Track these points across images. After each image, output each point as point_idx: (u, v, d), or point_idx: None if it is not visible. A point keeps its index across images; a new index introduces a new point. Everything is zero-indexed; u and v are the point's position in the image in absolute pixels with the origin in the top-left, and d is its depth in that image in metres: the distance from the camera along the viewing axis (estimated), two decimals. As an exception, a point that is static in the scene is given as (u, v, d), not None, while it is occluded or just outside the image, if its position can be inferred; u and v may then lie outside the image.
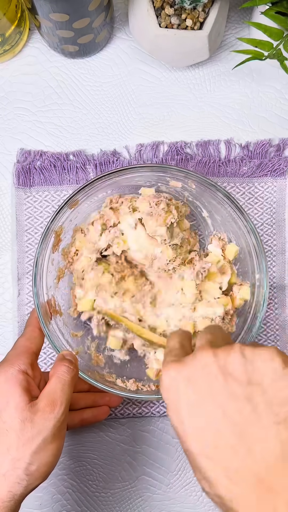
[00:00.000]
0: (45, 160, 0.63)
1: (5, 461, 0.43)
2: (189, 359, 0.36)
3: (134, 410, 0.62)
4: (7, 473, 0.43)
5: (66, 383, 0.47)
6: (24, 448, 0.43)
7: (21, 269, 0.63)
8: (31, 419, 0.44)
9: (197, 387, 0.35)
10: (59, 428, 0.45)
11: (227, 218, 0.57)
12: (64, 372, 0.47)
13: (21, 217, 0.63)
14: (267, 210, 0.64)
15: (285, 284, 0.63)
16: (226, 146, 0.64)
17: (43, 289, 0.54)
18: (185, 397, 0.35)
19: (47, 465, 0.45)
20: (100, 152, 0.64)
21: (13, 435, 0.43)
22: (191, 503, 0.63)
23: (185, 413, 0.35)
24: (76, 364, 0.49)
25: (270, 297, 0.63)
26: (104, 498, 0.63)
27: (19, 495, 0.43)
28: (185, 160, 0.63)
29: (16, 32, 0.61)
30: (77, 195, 0.54)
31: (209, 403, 0.34)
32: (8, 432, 0.44)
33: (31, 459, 0.43)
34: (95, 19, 0.56)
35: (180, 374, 0.36)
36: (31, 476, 0.44)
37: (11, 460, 0.43)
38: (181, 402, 0.35)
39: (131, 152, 0.64)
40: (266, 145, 0.64)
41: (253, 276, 0.56)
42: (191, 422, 0.35)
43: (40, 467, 0.44)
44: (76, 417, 0.57)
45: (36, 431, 0.44)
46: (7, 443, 0.43)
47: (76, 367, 0.49)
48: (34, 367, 0.49)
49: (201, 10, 0.56)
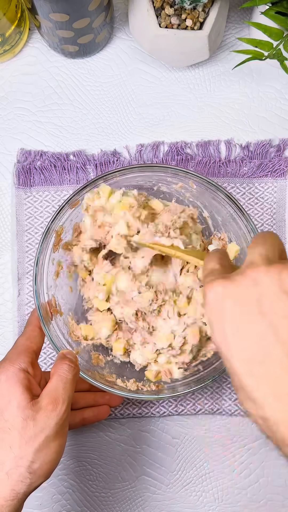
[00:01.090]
0: (46, 160, 0.63)
1: (8, 459, 0.43)
2: (238, 276, 0.34)
3: (134, 410, 0.62)
4: (10, 471, 0.43)
5: (68, 381, 0.47)
6: (26, 446, 0.43)
7: (21, 269, 0.63)
8: (33, 417, 0.44)
9: (247, 305, 0.33)
10: (61, 426, 0.45)
11: (227, 219, 0.57)
12: (65, 370, 0.47)
13: (21, 217, 0.63)
14: (267, 210, 0.64)
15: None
16: (226, 147, 0.64)
17: (44, 288, 0.54)
18: (232, 315, 0.33)
19: (50, 463, 0.45)
20: (100, 152, 0.64)
21: (16, 433, 0.44)
22: (191, 503, 0.63)
23: (231, 331, 0.33)
24: (77, 363, 0.49)
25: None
26: (104, 498, 0.63)
27: (22, 493, 0.43)
28: (185, 160, 0.63)
29: (16, 32, 0.61)
30: (78, 195, 0.54)
31: (259, 322, 0.32)
32: (11, 431, 0.44)
33: (34, 457, 0.43)
34: (95, 19, 0.56)
35: (228, 290, 0.33)
36: (34, 474, 0.44)
37: (13, 458, 0.43)
38: (226, 320, 0.33)
39: (131, 152, 0.64)
40: (266, 145, 0.64)
41: None
42: (238, 341, 0.33)
43: (43, 465, 0.44)
44: (77, 417, 0.57)
45: (39, 429, 0.44)
46: (10, 442, 0.43)
47: (76, 366, 0.49)
48: (35, 366, 0.49)
49: (201, 10, 0.56)
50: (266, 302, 0.32)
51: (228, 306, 0.33)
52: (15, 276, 0.63)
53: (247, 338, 0.32)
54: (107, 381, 0.56)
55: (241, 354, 0.32)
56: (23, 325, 0.62)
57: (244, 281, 0.33)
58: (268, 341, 0.31)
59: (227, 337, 0.33)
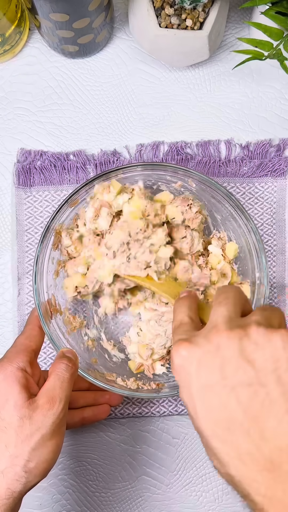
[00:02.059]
0: (45, 160, 0.63)
1: (4, 458, 0.43)
2: (201, 340, 0.36)
3: (134, 410, 0.62)
4: (5, 470, 0.43)
5: (65, 380, 0.47)
6: (22, 445, 0.43)
7: (21, 269, 0.63)
8: (29, 416, 0.44)
9: (210, 370, 0.34)
10: (58, 425, 0.45)
11: (227, 217, 0.57)
12: (63, 369, 0.47)
13: (21, 217, 0.63)
14: (267, 210, 0.64)
15: (285, 284, 0.63)
16: (226, 146, 0.64)
17: (44, 287, 0.54)
18: (197, 379, 0.35)
19: (46, 462, 0.45)
20: (100, 152, 0.64)
21: (12, 432, 0.43)
22: (191, 503, 0.63)
23: (197, 395, 0.35)
24: (76, 362, 0.49)
25: (270, 297, 0.63)
26: (104, 498, 0.63)
27: (18, 492, 0.43)
28: (185, 160, 0.63)
29: (16, 32, 0.61)
30: (77, 194, 0.54)
31: (222, 387, 0.34)
32: (7, 429, 0.44)
33: (29, 456, 0.43)
34: (95, 19, 0.56)
35: (192, 355, 0.35)
36: (29, 473, 0.43)
37: (9, 457, 0.43)
38: (192, 384, 0.35)
39: (131, 152, 0.64)
40: (266, 145, 0.64)
41: (253, 274, 0.56)
42: (203, 405, 0.35)
43: (39, 464, 0.44)
44: (77, 416, 0.57)
45: (35, 428, 0.44)
46: (6, 440, 0.43)
47: (75, 365, 0.49)
48: (33, 365, 0.49)
49: (201, 10, 0.56)
50: (228, 368, 0.34)
51: (193, 371, 0.35)
52: (15, 276, 0.63)
53: (212, 404, 0.34)
54: (107, 380, 0.56)
55: (207, 418, 0.34)
56: (23, 325, 0.62)
57: (207, 346, 0.35)
58: (231, 408, 0.33)
59: (194, 401, 0.35)
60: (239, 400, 0.33)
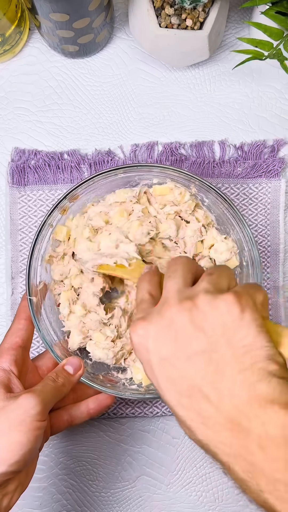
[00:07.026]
0: (40, 159, 0.63)
1: None
2: (155, 316, 0.37)
3: (134, 410, 0.62)
4: None
5: (52, 388, 0.47)
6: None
7: (15, 268, 0.63)
8: (3, 407, 0.44)
9: (165, 344, 0.36)
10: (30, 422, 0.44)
11: (220, 216, 0.57)
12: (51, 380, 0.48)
13: (15, 216, 0.63)
14: (262, 211, 0.64)
15: (279, 285, 0.63)
16: (220, 147, 0.64)
17: (37, 278, 0.54)
18: (155, 353, 0.37)
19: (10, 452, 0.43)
20: (94, 152, 0.64)
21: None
22: (191, 503, 0.63)
23: (157, 370, 0.37)
24: (76, 374, 0.50)
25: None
26: (104, 498, 0.63)
27: None
28: (179, 161, 0.63)
29: (16, 32, 0.61)
30: (75, 190, 0.54)
31: (178, 358, 0.36)
32: None
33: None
34: (95, 19, 0.56)
35: (148, 332, 0.37)
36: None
37: None
38: (152, 359, 0.37)
39: (126, 152, 0.64)
40: (261, 146, 0.64)
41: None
42: (164, 377, 0.37)
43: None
44: (82, 407, 0.56)
45: (4, 417, 0.44)
46: None
47: (73, 377, 0.50)
48: (23, 361, 0.49)
49: (201, 10, 0.56)
50: (181, 340, 0.36)
51: (150, 347, 0.37)
52: (8, 275, 0.62)
53: (172, 376, 0.36)
54: (110, 381, 0.56)
55: (170, 390, 0.36)
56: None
57: (161, 322, 0.37)
58: (190, 377, 0.35)
59: (155, 375, 0.37)
60: (196, 368, 0.35)
